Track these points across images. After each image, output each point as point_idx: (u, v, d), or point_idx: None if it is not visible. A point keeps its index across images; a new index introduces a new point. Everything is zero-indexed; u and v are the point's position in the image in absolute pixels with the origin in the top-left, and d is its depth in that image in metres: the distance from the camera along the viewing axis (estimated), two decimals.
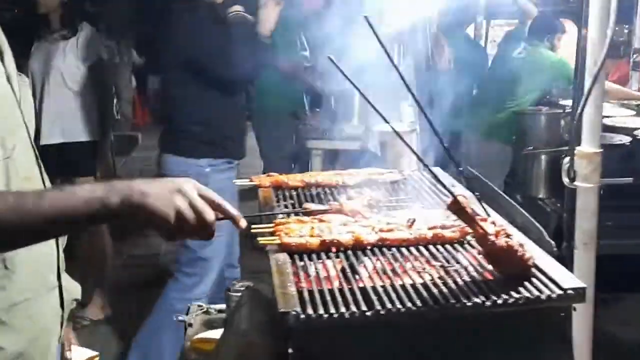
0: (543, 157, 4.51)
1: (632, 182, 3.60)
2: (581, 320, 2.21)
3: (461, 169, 1.74)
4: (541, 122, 4.63)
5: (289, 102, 5.61)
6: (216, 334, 2.65)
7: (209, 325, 2.85)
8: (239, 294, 2.74)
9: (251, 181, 2.60)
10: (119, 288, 5.47)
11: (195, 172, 3.74)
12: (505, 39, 6.47)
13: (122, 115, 7.23)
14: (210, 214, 1.56)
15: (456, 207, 1.72)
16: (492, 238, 1.71)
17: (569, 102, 4.50)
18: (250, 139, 6.14)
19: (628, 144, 4.21)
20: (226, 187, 2.74)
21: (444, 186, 1.72)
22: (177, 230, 1.48)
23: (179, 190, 1.49)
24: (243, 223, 1.73)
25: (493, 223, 1.77)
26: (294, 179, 2.57)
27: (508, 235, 1.74)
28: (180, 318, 2.90)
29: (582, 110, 2.28)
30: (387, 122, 1.64)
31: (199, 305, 3.03)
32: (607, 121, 4.61)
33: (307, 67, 5.42)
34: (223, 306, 2.92)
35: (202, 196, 1.55)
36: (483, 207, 1.82)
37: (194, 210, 1.50)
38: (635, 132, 4.37)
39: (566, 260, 2.23)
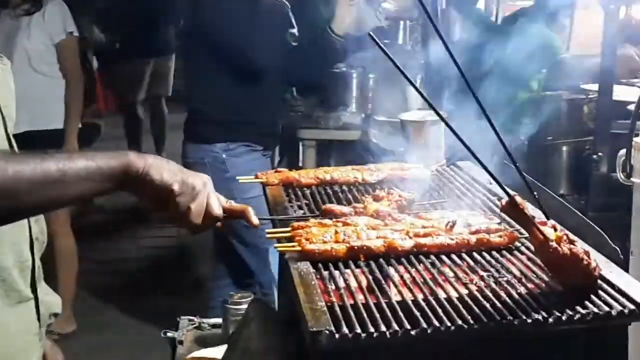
0: (564, 148, 4.48)
1: None
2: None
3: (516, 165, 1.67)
4: (561, 109, 4.60)
5: None
6: (212, 352, 2.59)
7: (202, 342, 2.80)
8: (240, 306, 2.69)
9: (256, 178, 2.54)
10: (88, 297, 5.39)
11: (211, 159, 3.83)
12: (509, 17, 6.41)
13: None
14: (218, 207, 1.67)
15: (512, 209, 1.67)
16: (554, 245, 1.66)
17: (592, 87, 4.49)
18: None
19: None
20: (246, 172, 2.72)
21: (499, 184, 1.67)
22: (180, 213, 1.58)
23: (188, 173, 1.61)
24: (255, 220, 1.80)
25: (554, 227, 1.73)
26: (306, 176, 2.53)
27: (572, 242, 1.70)
28: (169, 334, 2.84)
29: None
30: (435, 110, 1.57)
31: (190, 320, 2.97)
32: None
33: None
34: (217, 320, 2.87)
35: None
36: (542, 208, 1.77)
37: (202, 199, 1.61)
38: None
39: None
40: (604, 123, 3.94)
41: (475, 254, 1.94)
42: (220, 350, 2.45)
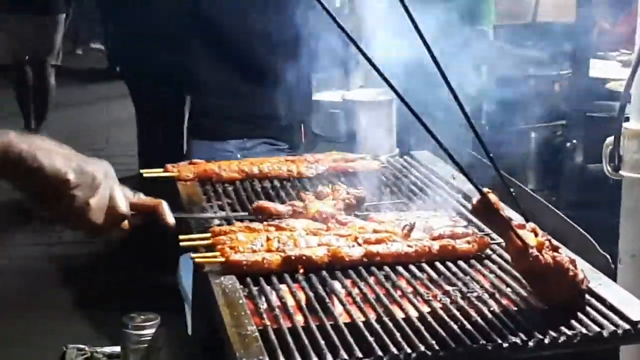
0: (532, 134, 4.57)
1: None
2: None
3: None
4: (527, 89, 4.66)
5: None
6: None
7: None
8: (144, 332, 2.67)
9: (166, 171, 2.52)
10: None
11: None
12: None
13: None
14: (124, 202, 1.66)
15: (485, 209, 1.69)
16: (535, 252, 1.70)
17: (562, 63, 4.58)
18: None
19: None
20: None
21: (469, 179, 1.69)
22: (75, 210, 1.54)
23: (86, 160, 1.57)
24: (170, 218, 1.79)
25: (534, 231, 1.77)
26: (229, 169, 2.52)
27: (555, 249, 1.74)
28: None
29: (634, 74, 2.30)
30: (391, 86, 1.58)
31: (79, 349, 2.94)
32: None
33: None
34: (115, 349, 2.84)
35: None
36: (521, 209, 1.81)
37: (104, 193, 1.59)
38: None
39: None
40: (579, 104, 4.03)
41: (438, 265, 1.97)
42: None
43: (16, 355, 4.68)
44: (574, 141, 4.31)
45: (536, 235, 1.77)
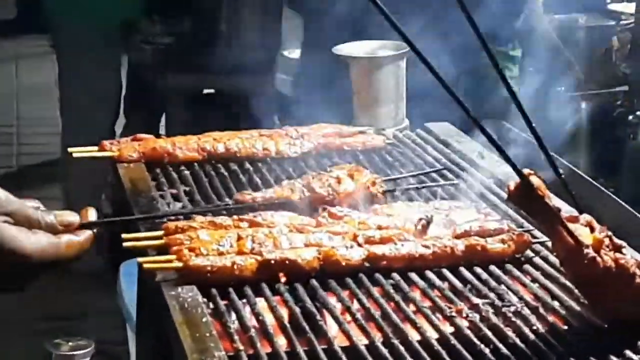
0: (583, 105, 4.57)
1: None
2: None
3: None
4: (577, 43, 4.64)
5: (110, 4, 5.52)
6: None
7: None
8: None
9: (102, 149, 2.52)
10: None
11: None
12: None
13: None
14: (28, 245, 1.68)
15: (526, 196, 1.71)
16: (591, 253, 1.70)
17: (626, 6, 4.57)
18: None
19: None
20: None
21: (506, 157, 1.69)
22: None
23: None
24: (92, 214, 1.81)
25: (590, 226, 1.77)
26: (186, 146, 2.52)
27: (618, 248, 1.75)
28: None
29: None
30: (403, 34, 1.58)
31: None
32: None
33: None
34: None
35: None
36: (573, 196, 1.82)
37: None
38: None
39: None
40: None
41: (463, 270, 1.98)
42: None
43: None
44: (638, 113, 4.29)
45: (593, 230, 1.77)
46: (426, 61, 1.74)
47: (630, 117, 4.41)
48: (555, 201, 1.87)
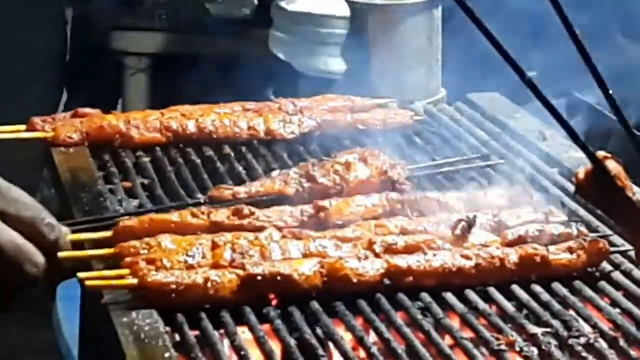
0: None
1: None
2: None
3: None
4: None
5: None
6: None
7: None
8: None
9: (33, 129, 2.55)
10: None
11: None
12: None
13: None
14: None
15: (600, 185, 1.72)
16: None
17: None
18: None
19: None
20: None
21: (574, 136, 1.70)
22: None
23: None
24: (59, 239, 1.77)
25: None
26: (144, 124, 2.55)
27: None
28: None
29: None
30: None
31: None
32: None
33: None
34: None
35: None
36: None
37: None
38: None
39: None
40: None
41: (517, 289, 1.99)
42: None
43: None
44: None
45: None
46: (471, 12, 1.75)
47: None
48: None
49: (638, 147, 1.78)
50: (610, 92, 1.78)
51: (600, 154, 1.77)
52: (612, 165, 1.76)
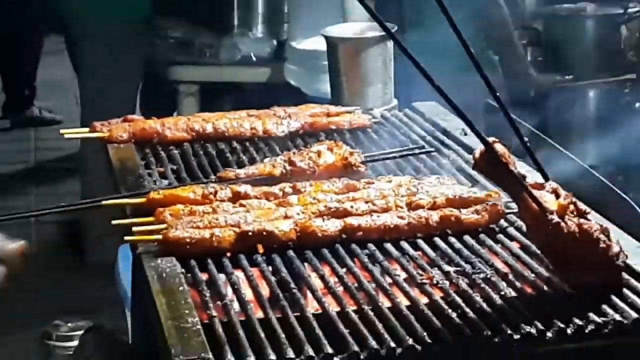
0: (591, 93, 4.55)
1: None
2: None
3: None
4: (585, 33, 4.60)
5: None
6: None
7: None
8: (72, 343, 2.72)
9: (94, 130, 2.57)
10: None
11: None
12: None
13: None
14: None
15: (490, 163, 1.73)
16: (555, 218, 1.72)
17: None
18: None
19: None
20: None
21: (474, 129, 1.73)
22: None
23: None
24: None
25: (555, 192, 1.79)
26: (175, 127, 2.56)
27: (582, 214, 1.76)
28: None
29: None
30: (378, 19, 1.61)
31: None
32: None
33: None
34: None
35: None
36: (537, 162, 1.84)
37: None
38: None
39: None
40: None
41: (437, 240, 2.01)
42: None
43: None
44: None
45: (558, 197, 1.79)
46: (406, 51, 1.78)
47: (637, 105, 4.40)
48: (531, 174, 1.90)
49: (518, 133, 1.81)
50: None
51: (491, 139, 1.80)
52: (499, 147, 1.79)
